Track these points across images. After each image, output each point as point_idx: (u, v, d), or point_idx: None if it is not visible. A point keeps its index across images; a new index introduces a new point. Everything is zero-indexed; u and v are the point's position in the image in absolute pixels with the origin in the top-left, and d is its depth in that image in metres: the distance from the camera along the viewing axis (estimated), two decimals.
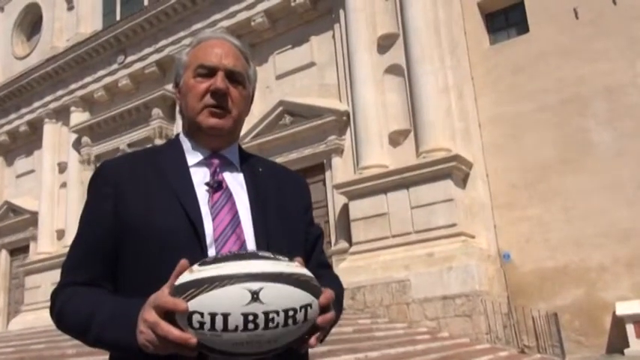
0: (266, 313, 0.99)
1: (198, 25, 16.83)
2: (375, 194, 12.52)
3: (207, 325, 0.99)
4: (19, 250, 20.71)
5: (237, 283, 0.98)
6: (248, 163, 1.41)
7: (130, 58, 18.33)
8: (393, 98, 13.44)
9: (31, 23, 23.33)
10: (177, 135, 1.42)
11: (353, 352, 7.71)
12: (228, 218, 1.26)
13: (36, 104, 20.88)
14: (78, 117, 19.45)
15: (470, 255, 11.04)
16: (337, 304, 1.28)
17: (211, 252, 1.21)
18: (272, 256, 1.06)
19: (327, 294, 1.11)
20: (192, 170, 1.32)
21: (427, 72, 12.75)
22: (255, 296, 0.98)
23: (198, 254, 1.17)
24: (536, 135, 12.52)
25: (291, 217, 1.37)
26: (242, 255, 1.05)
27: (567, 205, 11.94)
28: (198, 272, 1.01)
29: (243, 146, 7.12)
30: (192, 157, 1.35)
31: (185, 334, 1.00)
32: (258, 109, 15.72)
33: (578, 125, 12.14)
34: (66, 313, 1.21)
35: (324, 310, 1.10)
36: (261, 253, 1.06)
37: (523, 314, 11.11)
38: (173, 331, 1.00)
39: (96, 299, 1.18)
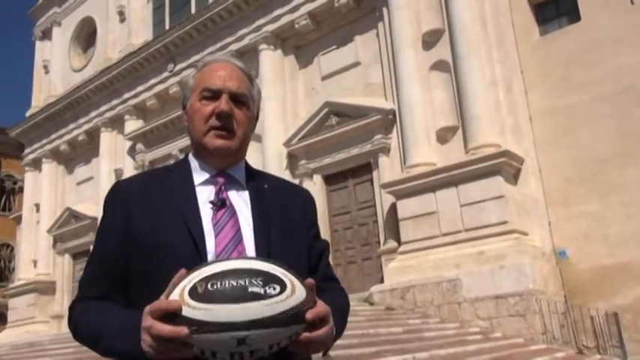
0: (252, 351, 1.08)
1: (244, 31, 17.07)
2: (423, 193, 12.34)
3: (198, 352, 1.08)
4: (81, 254, 21.55)
5: (226, 332, 1.05)
6: (254, 181, 1.46)
7: (179, 66, 18.79)
8: (439, 95, 13.23)
9: (86, 36, 24.28)
10: (187, 155, 1.47)
11: (401, 352, 7.62)
12: (230, 235, 1.31)
13: (93, 114, 21.70)
14: (132, 125, 20.10)
15: (523, 253, 10.71)
16: (338, 318, 1.30)
17: None
18: (262, 291, 1.07)
19: (316, 310, 1.14)
20: (198, 189, 1.38)
21: (474, 67, 12.48)
22: (241, 342, 1.05)
23: None
24: (591, 127, 12.03)
25: (294, 234, 1.41)
26: (230, 293, 1.06)
27: (627, 200, 11.41)
28: (188, 308, 1.06)
29: (290, 149, 7.24)
30: (199, 176, 1.41)
31: (176, 327, 1.06)
32: (305, 110, 15.83)
33: (637, 116, 11.59)
34: (80, 325, 1.30)
35: (313, 324, 1.14)
36: (251, 289, 1.07)
37: (581, 314, 10.68)
38: (165, 328, 1.07)
39: (105, 313, 1.26)
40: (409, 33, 13.68)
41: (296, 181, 15.30)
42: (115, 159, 20.57)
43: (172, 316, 1.07)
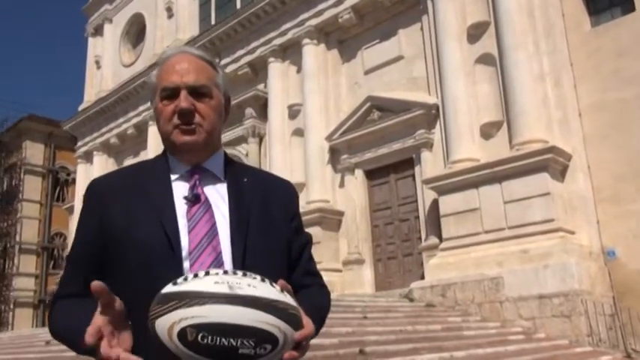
0: (244, 272, 1.08)
1: (288, 25, 17.13)
2: (465, 189, 12.12)
3: (190, 277, 1.07)
4: None
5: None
6: (233, 174, 1.42)
7: (224, 61, 19.02)
8: (484, 89, 12.94)
9: (136, 32, 24.89)
10: (164, 150, 1.44)
11: (438, 350, 7.52)
12: (204, 230, 1.28)
13: (141, 108, 22.25)
14: None
15: (569, 252, 10.38)
16: (316, 317, 1.27)
17: (186, 264, 1.24)
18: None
19: (304, 332, 1.13)
20: (174, 184, 1.36)
21: (521, 59, 12.14)
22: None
23: (175, 266, 1.22)
24: None
25: (274, 228, 1.37)
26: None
27: None
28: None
29: (332, 143, 7.23)
30: (175, 173, 1.38)
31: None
32: (347, 105, 15.78)
33: None
34: (53, 324, 1.29)
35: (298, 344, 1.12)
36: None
37: (630, 316, 10.29)
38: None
39: (75, 313, 1.23)
40: (454, 26, 13.43)
41: (337, 176, 15.31)
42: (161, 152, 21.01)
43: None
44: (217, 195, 1.36)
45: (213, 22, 20.50)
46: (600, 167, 11.85)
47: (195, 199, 1.32)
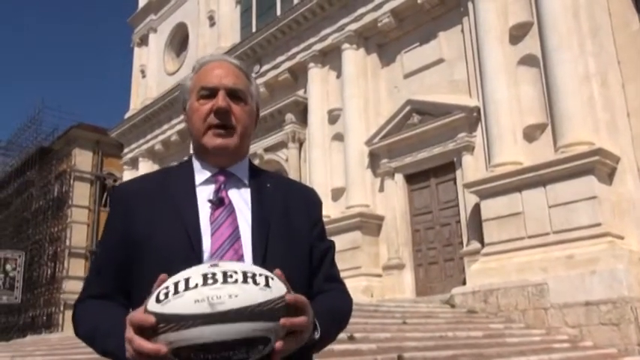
0: (224, 272, 1.06)
1: (327, 30, 17.19)
2: (508, 193, 11.86)
3: (171, 292, 1.06)
4: None
5: (203, 264, 1.13)
6: (257, 180, 1.45)
7: (264, 67, 19.23)
8: (527, 91, 12.66)
9: (179, 41, 25.44)
10: (191, 156, 1.49)
11: (479, 357, 7.38)
12: (227, 233, 1.31)
13: (184, 115, 22.64)
14: None
15: (617, 257, 10.02)
16: (329, 319, 1.27)
17: None
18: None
19: (296, 297, 1.11)
20: (199, 188, 1.39)
21: (565, 60, 11.83)
22: (213, 265, 1.10)
23: None
24: None
25: (295, 233, 1.39)
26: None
27: None
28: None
29: (372, 147, 7.28)
30: (200, 176, 1.41)
31: (156, 345, 1.05)
32: (387, 109, 15.70)
33: None
34: (78, 324, 1.33)
35: (293, 313, 1.10)
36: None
37: None
38: (145, 345, 1.06)
39: (101, 313, 1.28)
40: (496, 27, 13.21)
41: (377, 181, 15.23)
42: None
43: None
44: (241, 199, 1.39)
45: (254, 30, 20.75)
46: None
47: (219, 203, 1.35)
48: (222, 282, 1.05)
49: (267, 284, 1.08)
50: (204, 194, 1.37)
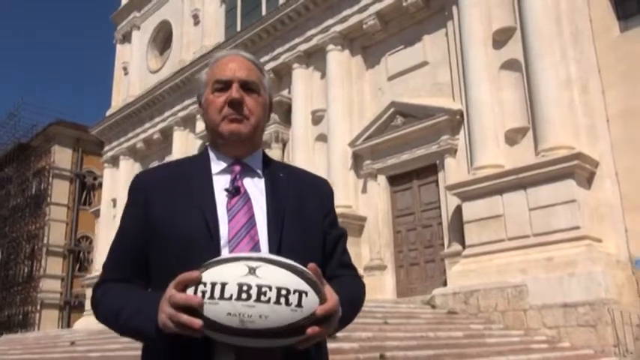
0: (259, 286, 1.10)
1: (312, 31, 17.22)
2: (489, 195, 11.99)
3: (207, 294, 1.12)
4: None
5: (241, 261, 1.14)
6: (270, 170, 1.50)
7: None
8: (509, 95, 12.82)
9: (163, 39, 25.28)
10: (207, 147, 1.53)
11: (460, 357, 7.44)
12: (243, 221, 1.35)
13: (167, 113, 22.57)
14: (202, 124, 20.59)
15: (595, 260, 10.19)
16: (348, 304, 1.33)
17: (225, 252, 1.31)
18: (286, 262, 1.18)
19: (329, 304, 1.19)
20: (215, 178, 1.44)
21: (547, 66, 12.00)
22: (252, 271, 1.11)
23: (214, 254, 1.28)
24: None
25: (308, 221, 1.44)
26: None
27: None
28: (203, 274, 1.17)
29: (355, 149, 7.34)
30: (217, 166, 1.47)
31: (190, 295, 1.14)
32: (370, 111, 15.77)
33: None
34: (101, 304, 1.38)
35: (322, 320, 1.17)
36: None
37: None
38: (183, 317, 1.14)
39: (125, 295, 1.34)
40: (479, 31, 13.35)
41: (360, 182, 15.28)
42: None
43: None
44: (256, 189, 1.44)
45: (238, 29, 20.71)
46: (628, 174, 11.61)
47: (235, 192, 1.40)
48: (255, 299, 1.10)
49: (299, 304, 1.13)
50: (220, 183, 1.42)
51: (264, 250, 1.32)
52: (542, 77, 11.99)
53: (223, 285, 1.10)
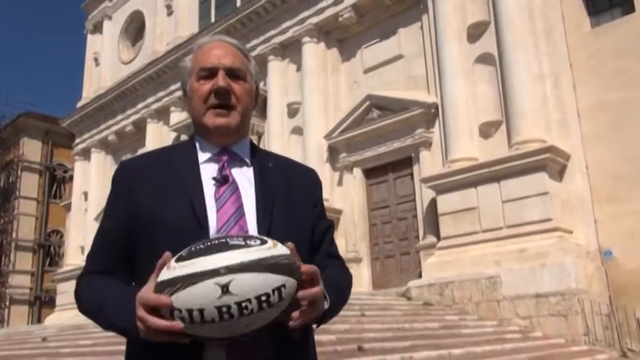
0: (239, 304, 1.06)
1: (288, 23, 17.13)
2: (464, 188, 12.13)
3: (187, 320, 1.08)
4: None
5: (207, 279, 1.05)
6: (258, 159, 1.47)
7: None
8: (483, 88, 12.97)
9: (135, 30, 24.87)
10: (193, 134, 1.49)
11: (436, 348, 7.53)
12: (232, 210, 1.33)
13: (140, 105, 22.24)
14: (177, 116, 20.47)
15: (566, 251, 10.41)
16: (336, 293, 1.32)
17: None
18: (243, 242, 1.11)
19: (308, 267, 1.17)
20: (202, 166, 1.41)
21: (520, 60, 12.17)
22: (225, 289, 1.05)
23: None
24: None
25: (297, 210, 1.42)
26: (212, 247, 1.10)
27: None
28: (173, 270, 1.09)
29: (331, 141, 7.33)
30: (204, 154, 1.43)
31: (171, 322, 1.09)
32: (346, 103, 15.79)
33: None
34: (83, 298, 1.34)
35: (306, 286, 1.16)
36: (231, 242, 1.10)
37: (626, 315, 10.32)
38: (160, 322, 1.11)
39: (106, 288, 1.30)
40: (454, 25, 13.46)
41: (336, 175, 15.31)
42: None
43: (158, 287, 1.10)
44: (244, 178, 1.41)
45: (213, 20, 20.49)
46: (598, 167, 11.88)
47: (223, 180, 1.37)
48: (238, 316, 1.07)
49: (280, 298, 1.10)
50: (207, 172, 1.39)
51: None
52: (516, 71, 12.15)
53: (201, 311, 1.06)
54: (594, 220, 11.67)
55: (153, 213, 1.32)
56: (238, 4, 19.63)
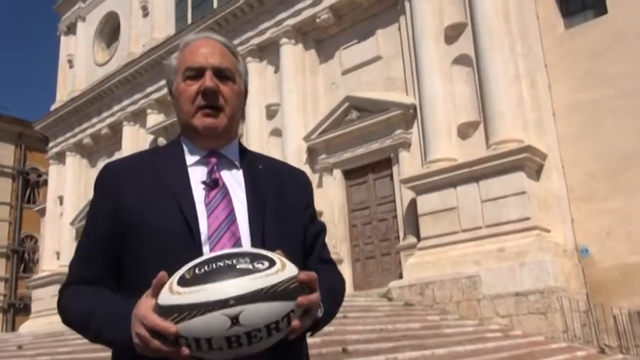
0: (248, 333, 1.03)
1: (265, 25, 17.07)
2: (443, 188, 12.22)
3: (194, 347, 1.04)
4: None
5: (216, 310, 1.01)
6: (248, 161, 1.42)
7: None
8: (461, 89, 13.08)
9: (110, 31, 24.54)
10: (178, 136, 1.43)
11: (419, 348, 7.57)
12: (223, 215, 1.28)
13: (115, 108, 21.94)
14: (154, 119, 20.26)
15: (544, 250, 10.55)
16: (330, 299, 1.29)
17: (205, 249, 1.23)
18: (251, 266, 1.05)
19: (308, 275, 1.12)
20: (190, 170, 1.35)
21: (497, 61, 12.31)
22: (234, 321, 1.01)
23: (193, 251, 1.20)
24: (617, 122, 11.77)
25: (290, 214, 1.38)
26: (218, 271, 1.04)
27: None
28: (178, 296, 1.04)
29: (310, 143, 7.26)
30: (191, 157, 1.37)
31: (177, 349, 1.04)
32: (325, 105, 15.80)
33: None
34: (68, 310, 1.27)
35: (305, 289, 1.11)
36: (239, 265, 1.05)
37: (603, 312, 10.50)
38: (165, 349, 1.05)
39: (94, 299, 1.23)
40: (431, 26, 13.55)
41: (316, 176, 15.30)
42: None
43: (161, 311, 1.05)
44: (234, 181, 1.36)
45: (189, 22, 20.33)
46: (574, 166, 12.08)
47: (213, 184, 1.31)
48: (247, 344, 1.04)
49: (289, 323, 1.08)
50: (196, 176, 1.33)
51: (246, 245, 1.25)
52: (493, 72, 12.29)
53: (209, 340, 1.03)
54: (571, 219, 11.87)
55: (140, 219, 1.26)
56: (215, 5, 19.50)
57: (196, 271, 1.05)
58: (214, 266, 1.05)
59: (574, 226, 11.84)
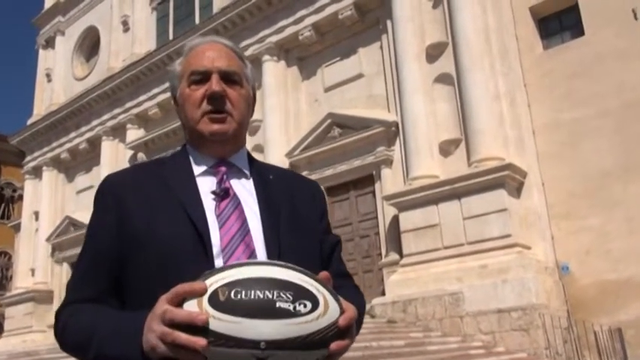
0: None
1: (248, 41, 17.10)
2: (425, 205, 12.28)
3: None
4: None
5: (245, 349, 0.94)
6: (258, 170, 1.36)
7: None
8: (443, 107, 13.22)
9: (89, 46, 24.35)
10: (184, 145, 1.38)
11: None
12: (236, 227, 1.21)
13: (94, 122, 21.69)
14: (133, 134, 20.07)
15: (526, 267, 10.64)
16: (358, 318, 1.21)
17: (218, 262, 1.16)
18: (291, 308, 0.96)
19: (348, 314, 1.04)
20: (199, 180, 1.28)
21: (477, 80, 12.49)
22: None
23: (204, 264, 1.13)
24: (595, 142, 12.01)
25: (304, 225, 1.31)
26: (257, 304, 0.95)
27: (630, 215, 11.35)
28: (211, 320, 0.95)
29: (293, 160, 7.22)
30: (199, 167, 1.31)
31: (195, 337, 0.96)
32: (307, 122, 15.82)
33: None
34: (67, 331, 1.18)
35: (342, 333, 1.02)
36: (279, 304, 0.96)
37: (584, 329, 10.59)
38: (182, 336, 0.96)
39: (97, 316, 1.15)
40: (413, 45, 13.70)
41: None
42: (116, 168, 20.45)
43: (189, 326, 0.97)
44: (245, 191, 1.30)
45: (171, 37, 20.28)
46: (554, 184, 12.25)
47: (224, 194, 1.25)
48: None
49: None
50: (205, 186, 1.27)
51: (261, 258, 1.18)
52: (473, 91, 12.45)
53: None
54: (551, 236, 12.01)
55: (146, 231, 1.18)
56: (197, 21, 19.51)
57: (232, 295, 0.96)
58: (252, 295, 0.96)
59: (554, 243, 11.98)
